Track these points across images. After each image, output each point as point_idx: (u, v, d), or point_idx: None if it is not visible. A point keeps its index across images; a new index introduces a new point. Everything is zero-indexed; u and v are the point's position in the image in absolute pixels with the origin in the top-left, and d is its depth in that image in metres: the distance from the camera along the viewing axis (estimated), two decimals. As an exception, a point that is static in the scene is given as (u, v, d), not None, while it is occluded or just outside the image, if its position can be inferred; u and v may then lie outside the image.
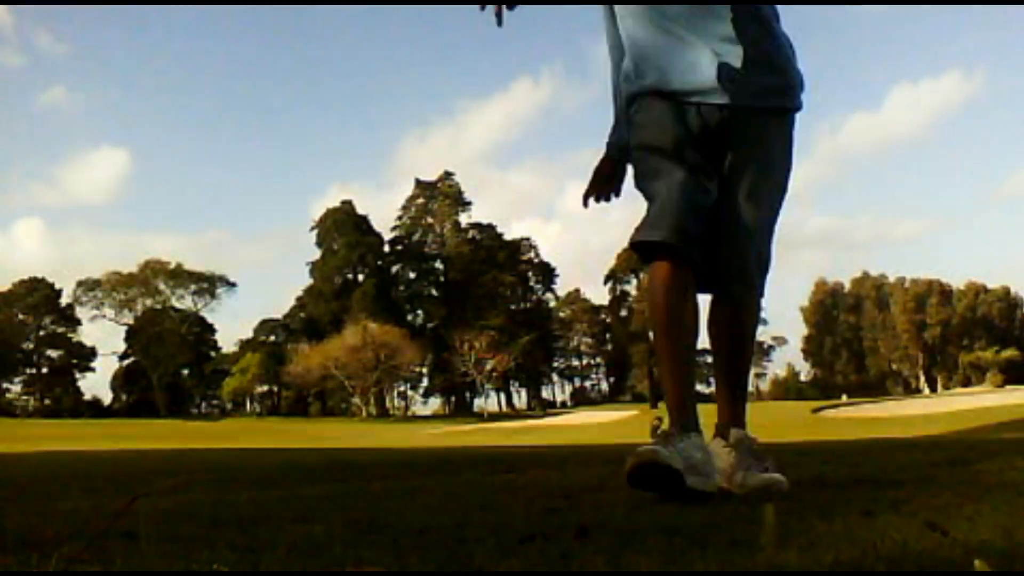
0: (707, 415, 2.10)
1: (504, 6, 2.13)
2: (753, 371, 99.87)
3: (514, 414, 73.08)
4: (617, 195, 2.59)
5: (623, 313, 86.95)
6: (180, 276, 79.46)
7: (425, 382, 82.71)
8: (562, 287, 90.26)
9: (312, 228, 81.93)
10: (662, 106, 2.24)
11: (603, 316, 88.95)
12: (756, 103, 2.24)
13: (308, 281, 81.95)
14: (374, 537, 1.47)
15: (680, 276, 2.16)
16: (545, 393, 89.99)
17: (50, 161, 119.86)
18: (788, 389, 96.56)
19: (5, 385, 76.86)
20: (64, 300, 78.39)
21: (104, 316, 78.76)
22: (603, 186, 2.55)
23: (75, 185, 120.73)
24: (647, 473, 1.90)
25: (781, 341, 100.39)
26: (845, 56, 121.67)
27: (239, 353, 77.14)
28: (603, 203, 2.58)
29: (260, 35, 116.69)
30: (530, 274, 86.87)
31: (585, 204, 2.57)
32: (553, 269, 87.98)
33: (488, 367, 70.88)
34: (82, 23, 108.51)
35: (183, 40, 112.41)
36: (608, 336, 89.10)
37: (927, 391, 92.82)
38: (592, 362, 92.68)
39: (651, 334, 2.32)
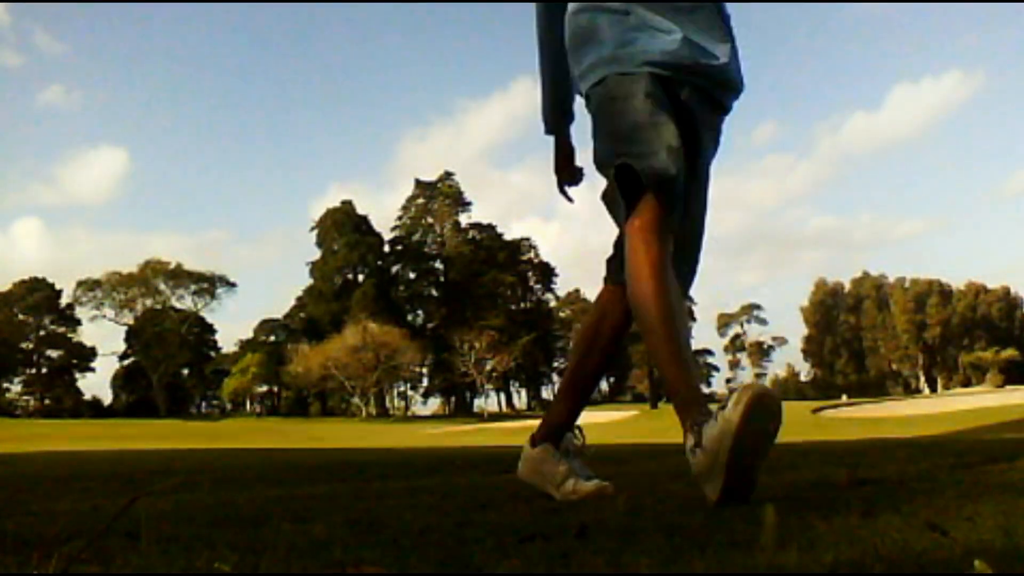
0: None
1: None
2: (753, 371, 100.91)
3: (514, 414, 73.07)
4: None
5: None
6: (180, 276, 79.50)
7: (425, 382, 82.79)
8: (562, 287, 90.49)
9: (312, 228, 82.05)
10: None
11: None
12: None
13: (308, 281, 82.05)
14: (374, 537, 1.47)
15: None
16: (545, 393, 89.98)
17: (49, 160, 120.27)
18: (788, 389, 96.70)
19: (5, 385, 76.92)
20: (64, 300, 78.51)
21: (104, 316, 78.90)
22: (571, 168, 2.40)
23: (74, 185, 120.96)
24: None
25: (781, 341, 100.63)
26: (845, 56, 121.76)
27: (239, 353, 77.16)
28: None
29: (259, 34, 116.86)
30: (530, 274, 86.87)
31: (568, 195, 2.39)
32: (553, 269, 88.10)
33: (488, 367, 70.89)
34: (80, 22, 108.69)
35: (182, 38, 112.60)
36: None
37: (927, 391, 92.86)
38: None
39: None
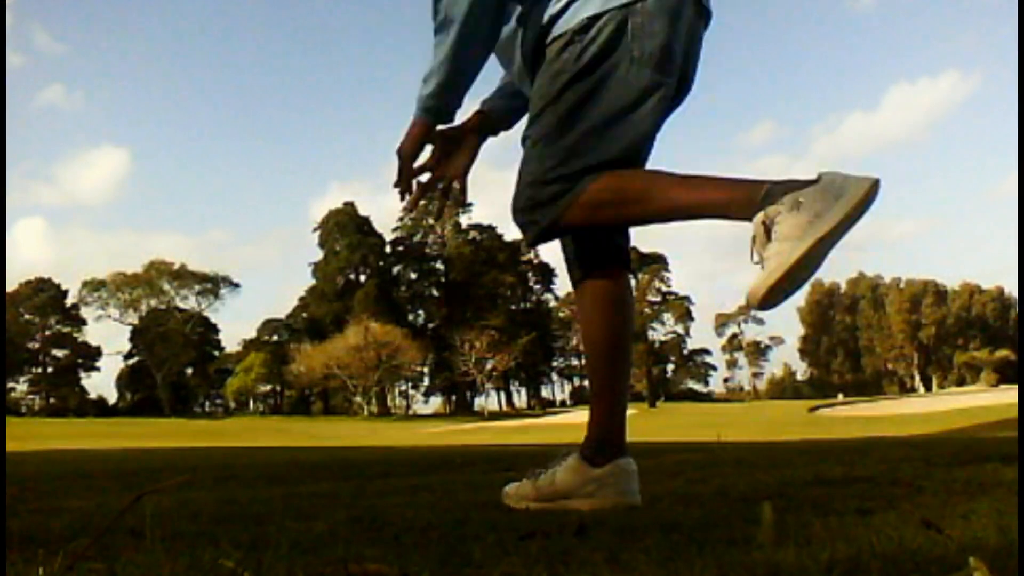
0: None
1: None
2: (751, 370, 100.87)
3: (514, 413, 73.12)
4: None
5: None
6: (184, 276, 79.64)
7: (426, 381, 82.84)
8: (562, 287, 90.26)
9: (315, 229, 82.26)
10: None
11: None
12: None
13: (310, 281, 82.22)
14: (376, 534, 1.49)
15: None
16: (545, 392, 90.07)
17: (50, 160, 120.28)
18: (785, 388, 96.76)
19: (11, 384, 76.97)
20: (70, 300, 78.66)
21: (109, 316, 79.17)
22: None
23: (76, 184, 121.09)
24: None
25: (778, 341, 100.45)
26: (843, 55, 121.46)
27: (243, 353, 77.29)
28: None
29: (260, 34, 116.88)
30: (530, 274, 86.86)
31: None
32: (553, 269, 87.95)
33: (488, 366, 70.92)
34: (80, 22, 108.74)
35: (182, 38, 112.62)
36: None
37: (922, 390, 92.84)
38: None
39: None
